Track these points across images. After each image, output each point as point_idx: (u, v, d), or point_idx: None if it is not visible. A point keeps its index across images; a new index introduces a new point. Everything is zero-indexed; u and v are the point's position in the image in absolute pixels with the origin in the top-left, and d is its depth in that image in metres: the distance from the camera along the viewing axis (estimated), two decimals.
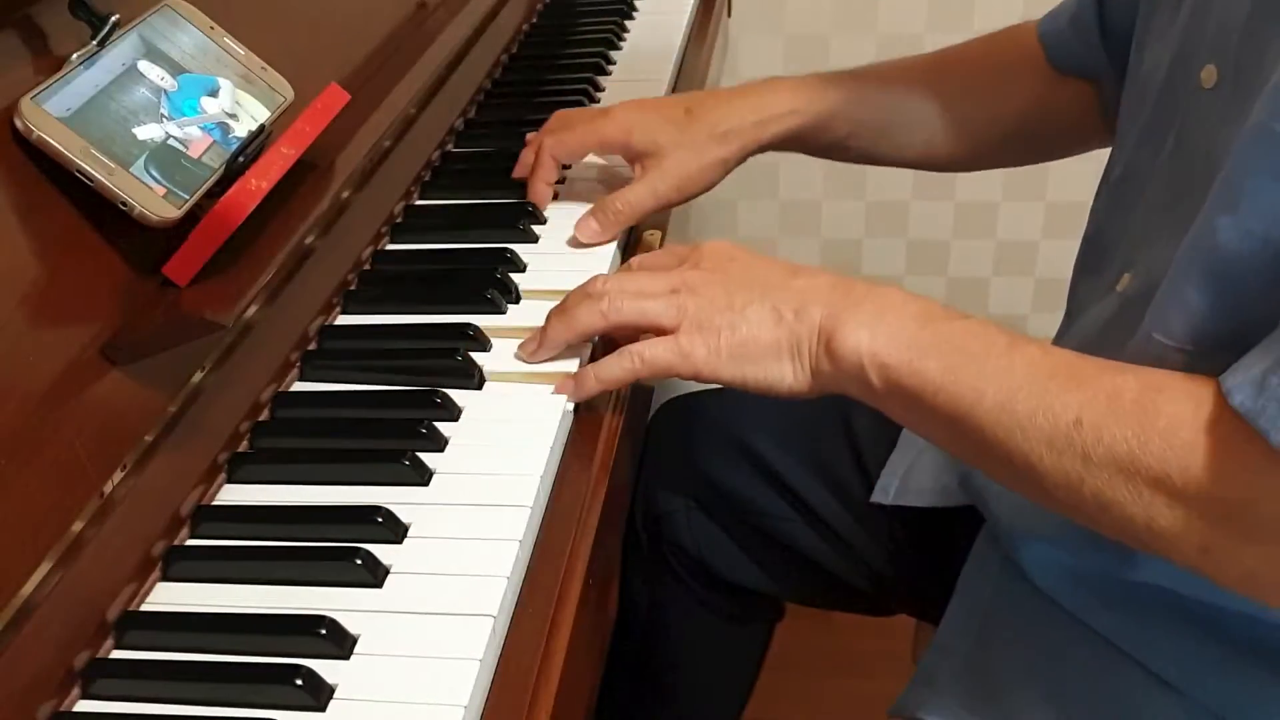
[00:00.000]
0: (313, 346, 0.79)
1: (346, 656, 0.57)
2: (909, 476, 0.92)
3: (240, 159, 0.72)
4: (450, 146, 1.05)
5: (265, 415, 0.74)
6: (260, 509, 0.67)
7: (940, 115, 0.96)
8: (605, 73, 1.19)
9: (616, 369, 0.72)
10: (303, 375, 0.77)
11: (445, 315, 0.81)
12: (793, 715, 1.47)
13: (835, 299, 0.69)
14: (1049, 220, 1.87)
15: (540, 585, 0.62)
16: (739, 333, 0.70)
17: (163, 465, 0.65)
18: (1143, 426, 0.58)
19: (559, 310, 0.75)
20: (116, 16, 0.70)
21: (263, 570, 0.62)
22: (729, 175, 0.93)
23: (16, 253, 0.62)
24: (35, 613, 0.55)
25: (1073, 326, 0.81)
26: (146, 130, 0.69)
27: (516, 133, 1.04)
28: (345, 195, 0.86)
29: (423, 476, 0.67)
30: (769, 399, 0.72)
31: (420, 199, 0.97)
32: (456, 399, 0.73)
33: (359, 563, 0.61)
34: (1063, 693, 0.75)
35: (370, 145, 0.86)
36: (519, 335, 0.78)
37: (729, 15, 1.50)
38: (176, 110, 0.71)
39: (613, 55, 1.22)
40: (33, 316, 0.61)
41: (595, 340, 0.78)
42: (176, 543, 0.65)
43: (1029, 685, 0.76)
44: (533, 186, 0.93)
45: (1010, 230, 1.89)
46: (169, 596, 0.62)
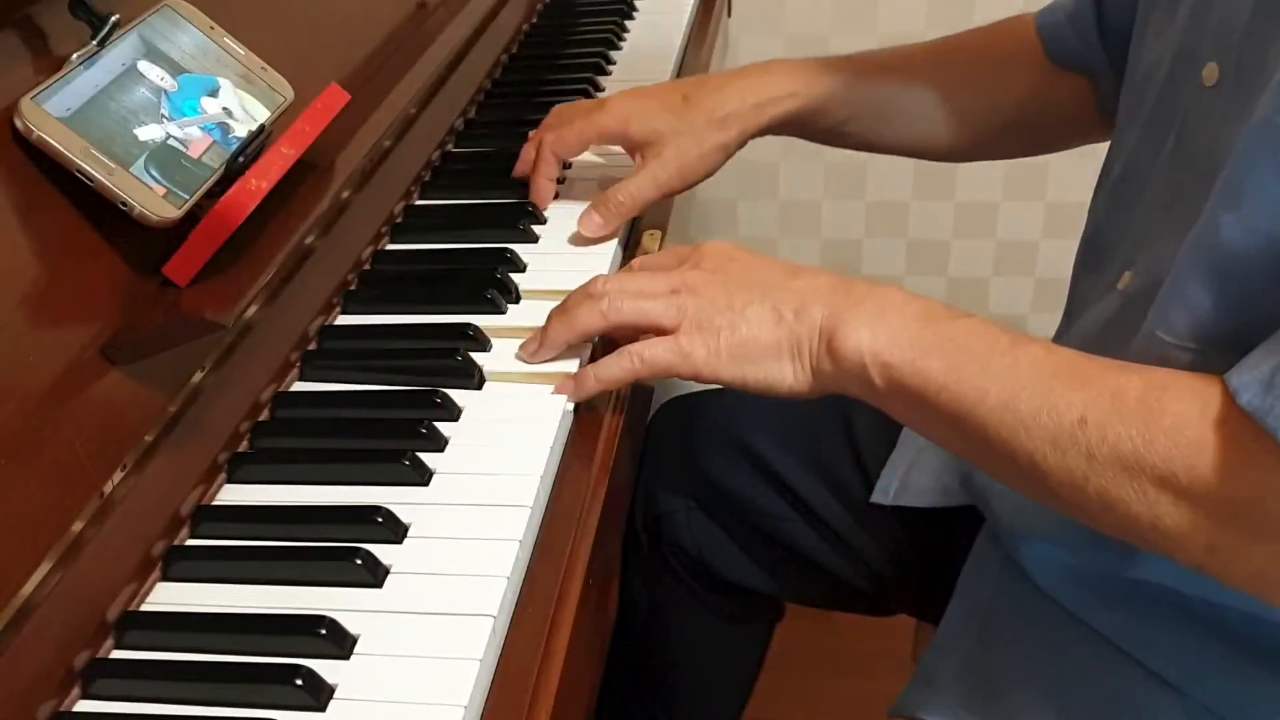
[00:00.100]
0: (313, 346, 0.79)
1: (346, 656, 0.57)
2: (909, 476, 0.92)
3: (240, 159, 0.72)
4: (450, 146, 1.05)
5: (265, 415, 0.74)
6: (260, 509, 0.67)
7: (939, 103, 0.96)
8: (605, 73, 1.19)
9: (616, 369, 0.72)
10: (303, 375, 0.77)
11: (445, 315, 0.81)
12: (793, 715, 1.47)
13: (836, 299, 0.69)
14: (1049, 220, 1.87)
15: (540, 585, 0.62)
16: (739, 333, 0.70)
17: (163, 465, 0.65)
18: (1148, 425, 0.58)
19: (559, 310, 0.75)
20: (116, 16, 0.70)
21: (263, 570, 0.62)
22: (729, 175, 0.93)
23: (16, 253, 0.62)
24: (35, 613, 0.55)
25: (1073, 325, 0.81)
26: (146, 130, 0.69)
27: (516, 133, 1.04)
28: (345, 195, 0.86)
29: (423, 476, 0.67)
30: (769, 399, 0.72)
31: (420, 199, 0.97)
32: (456, 399, 0.73)
33: (359, 563, 0.61)
34: (1063, 692, 0.75)
35: (370, 145, 0.85)
36: (519, 335, 0.78)
37: (729, 15, 1.50)
38: (176, 110, 0.71)
39: (613, 55, 1.22)
40: (33, 316, 0.61)
41: (595, 341, 0.78)
42: (176, 543, 0.65)
43: (1029, 685, 0.76)
44: (534, 183, 0.93)
45: (1010, 230, 1.89)
46: (169, 596, 0.62)
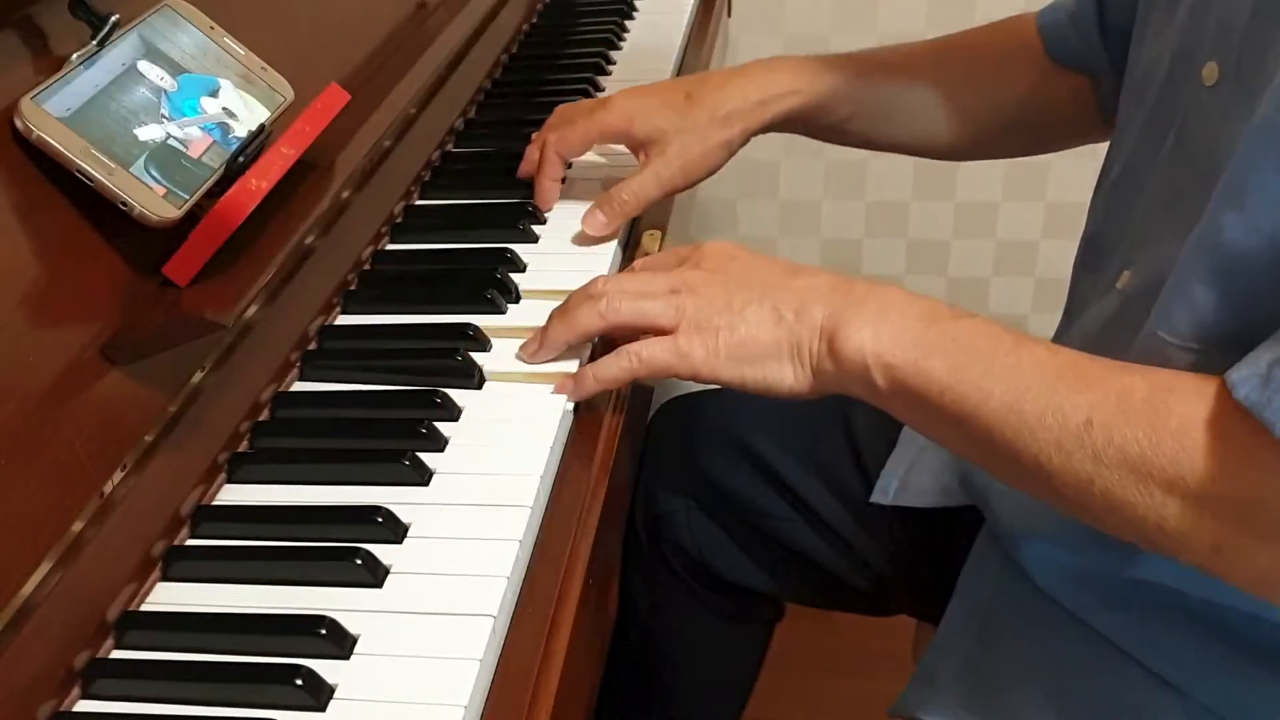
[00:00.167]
0: (313, 346, 0.79)
1: (346, 656, 0.57)
2: (909, 476, 0.92)
3: (240, 159, 0.72)
4: (450, 146, 1.05)
5: (265, 415, 0.74)
6: (260, 509, 0.67)
7: (940, 101, 0.96)
8: (605, 73, 1.19)
9: (614, 369, 0.72)
10: (303, 375, 0.77)
11: (445, 315, 0.81)
12: (793, 715, 1.47)
13: (836, 298, 0.69)
14: (1049, 220, 1.87)
15: (540, 585, 0.62)
16: (738, 333, 0.70)
17: (163, 465, 0.65)
18: (1154, 427, 0.58)
19: (560, 311, 0.75)
20: (116, 16, 0.70)
21: (263, 570, 0.62)
22: (729, 174, 0.93)
23: (16, 253, 0.62)
24: (35, 613, 0.55)
25: (1073, 325, 0.81)
26: (146, 130, 0.69)
27: (516, 133, 1.04)
28: (345, 195, 0.86)
29: (423, 476, 0.67)
30: (769, 399, 0.72)
31: (420, 199, 0.97)
32: (456, 399, 0.73)
33: (359, 563, 0.61)
34: (1063, 692, 0.75)
35: (370, 145, 0.85)
36: (519, 335, 0.78)
37: (729, 15, 1.50)
38: (176, 110, 0.71)
39: (613, 55, 1.22)
40: (33, 316, 0.61)
41: (595, 341, 0.78)
42: (176, 543, 0.65)
43: (1029, 685, 0.76)
44: (539, 185, 0.93)
45: (1010, 230, 1.89)
46: (169, 596, 0.62)
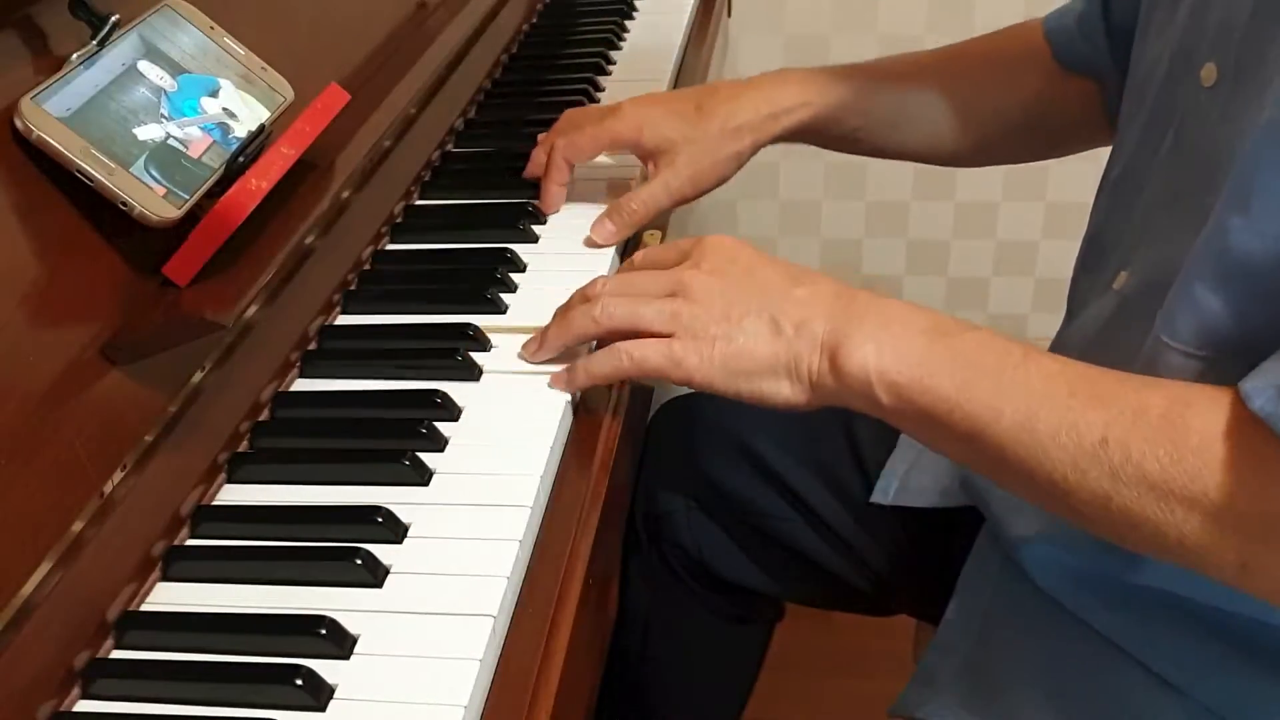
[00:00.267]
0: (313, 346, 0.79)
1: (346, 656, 0.57)
2: (909, 477, 0.92)
3: (240, 159, 0.72)
4: (450, 146, 1.05)
5: (265, 415, 0.74)
6: (260, 509, 0.67)
7: (950, 109, 0.96)
8: (605, 73, 1.19)
9: (606, 365, 0.72)
10: (303, 375, 0.77)
11: (445, 315, 0.81)
12: (793, 715, 1.47)
13: (837, 312, 0.68)
14: (1049, 220, 1.87)
15: (540, 585, 0.62)
16: (734, 344, 0.69)
17: (163, 465, 0.65)
18: (1174, 444, 0.57)
19: (559, 312, 0.75)
20: (116, 16, 0.70)
21: (263, 570, 0.62)
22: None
23: (16, 253, 0.62)
24: (35, 613, 0.55)
25: (1071, 325, 0.81)
26: (146, 130, 0.69)
27: (517, 133, 1.04)
28: (345, 195, 0.86)
29: (423, 476, 0.67)
30: None
31: (420, 199, 0.97)
32: (456, 399, 0.73)
33: (359, 563, 0.61)
34: (1063, 693, 0.75)
35: (370, 145, 0.85)
36: (519, 335, 0.78)
37: (729, 15, 1.50)
38: (176, 110, 0.71)
39: (613, 55, 1.22)
40: (33, 316, 0.61)
41: (592, 344, 0.78)
42: (176, 543, 0.65)
43: (1029, 685, 0.76)
44: (545, 189, 0.93)
45: (1010, 230, 1.89)
46: (169, 596, 0.62)
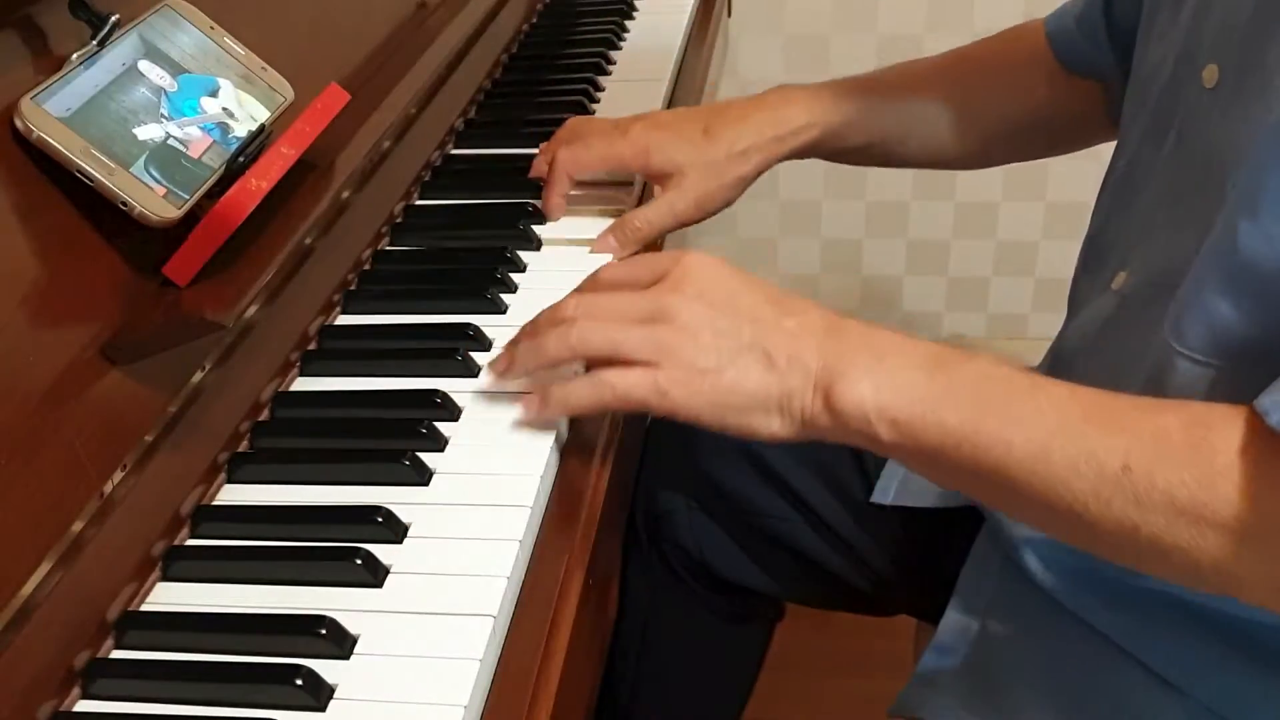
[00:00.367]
0: (313, 346, 0.79)
1: (346, 656, 0.57)
2: (909, 477, 0.92)
3: (240, 159, 0.72)
4: (450, 147, 1.05)
5: (265, 415, 0.74)
6: (260, 509, 0.67)
7: (955, 117, 0.96)
8: (605, 73, 1.19)
9: (586, 397, 0.68)
10: (303, 375, 0.77)
11: (445, 315, 0.81)
12: (793, 715, 1.47)
13: (829, 346, 0.65)
14: (1049, 220, 1.87)
15: (540, 585, 0.62)
16: (724, 377, 0.65)
17: (163, 465, 0.65)
18: (1201, 468, 0.56)
19: (529, 332, 0.71)
20: (116, 16, 0.70)
21: (263, 570, 0.62)
22: None
23: (16, 253, 0.62)
24: (35, 613, 0.55)
25: (1071, 325, 0.81)
26: (146, 130, 0.69)
27: (517, 133, 1.04)
28: (345, 195, 0.86)
29: (423, 476, 0.67)
30: None
31: (420, 199, 0.97)
32: (456, 399, 0.73)
33: (359, 563, 0.61)
34: (1063, 692, 0.75)
35: (370, 145, 0.85)
36: None
37: (729, 15, 1.50)
38: (176, 110, 0.71)
39: (613, 55, 1.22)
40: (33, 316, 0.61)
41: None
42: (176, 543, 0.65)
43: (1029, 685, 0.76)
44: (547, 199, 0.93)
45: (1010, 230, 1.89)
46: (169, 596, 0.62)
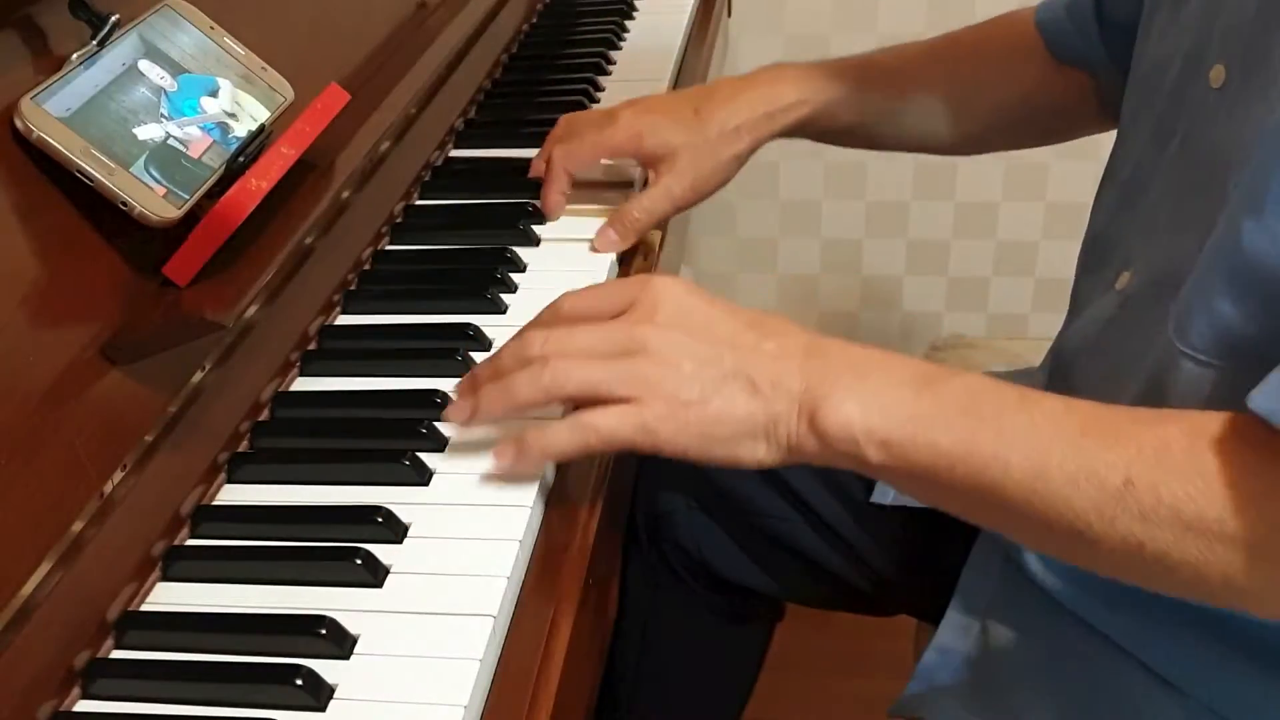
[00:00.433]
0: (313, 346, 0.79)
1: (346, 656, 0.57)
2: None
3: (240, 159, 0.72)
4: (450, 147, 1.05)
5: (265, 415, 0.74)
6: (260, 509, 0.67)
7: (944, 102, 0.96)
8: (605, 73, 1.19)
9: (567, 443, 0.64)
10: (303, 375, 0.77)
11: (445, 315, 0.81)
12: (793, 715, 1.47)
13: (811, 367, 0.63)
14: (1049, 220, 1.87)
15: (540, 585, 0.62)
16: (710, 408, 0.63)
17: (163, 465, 0.65)
18: (1205, 480, 0.54)
19: (492, 371, 0.67)
20: (116, 16, 0.70)
21: (263, 570, 0.62)
22: None
23: (16, 253, 0.62)
24: (35, 613, 0.55)
25: (1072, 325, 0.81)
26: (146, 130, 0.69)
27: (517, 133, 1.04)
28: (345, 195, 0.86)
29: (423, 476, 0.67)
30: None
31: (420, 199, 0.97)
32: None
33: (359, 563, 0.61)
34: (1063, 692, 0.75)
35: (370, 145, 0.85)
36: None
37: (729, 15, 1.50)
38: (176, 110, 0.71)
39: (613, 55, 1.22)
40: (33, 316, 0.61)
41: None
42: (176, 543, 0.65)
43: (1029, 685, 0.76)
44: (546, 197, 0.93)
45: (1010, 230, 1.89)
46: (169, 596, 0.62)
